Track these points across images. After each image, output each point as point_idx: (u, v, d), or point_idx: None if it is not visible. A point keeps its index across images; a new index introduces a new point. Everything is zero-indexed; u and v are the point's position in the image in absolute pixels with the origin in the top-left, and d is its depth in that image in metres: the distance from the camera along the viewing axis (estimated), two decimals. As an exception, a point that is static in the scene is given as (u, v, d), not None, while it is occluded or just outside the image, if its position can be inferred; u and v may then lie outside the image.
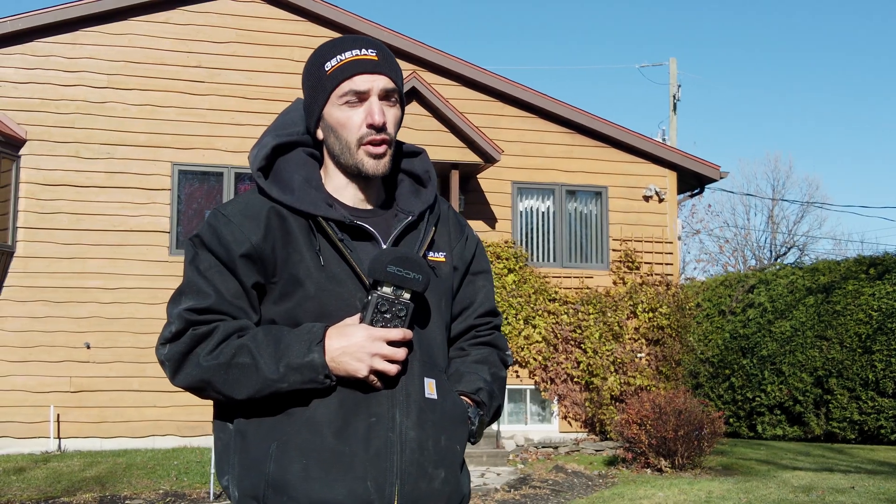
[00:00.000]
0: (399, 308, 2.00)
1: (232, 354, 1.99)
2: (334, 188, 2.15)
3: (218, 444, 2.14)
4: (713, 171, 14.46)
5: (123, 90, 12.29)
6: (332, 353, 1.97)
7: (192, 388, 2.07)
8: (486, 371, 2.25)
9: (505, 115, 13.64)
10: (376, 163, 2.09)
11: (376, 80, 2.08)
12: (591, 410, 13.08)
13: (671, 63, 26.50)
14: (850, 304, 14.17)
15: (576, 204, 13.89)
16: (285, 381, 1.97)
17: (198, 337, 2.02)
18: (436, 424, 2.06)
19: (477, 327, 2.31)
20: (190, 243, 2.12)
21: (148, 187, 12.17)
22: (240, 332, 2.03)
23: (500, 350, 2.33)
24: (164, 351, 2.06)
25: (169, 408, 11.74)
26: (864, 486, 8.59)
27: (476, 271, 2.31)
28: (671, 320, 13.54)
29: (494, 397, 2.24)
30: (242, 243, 2.04)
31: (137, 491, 8.71)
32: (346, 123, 2.08)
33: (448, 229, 2.26)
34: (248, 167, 11.08)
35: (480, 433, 2.22)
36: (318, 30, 12.91)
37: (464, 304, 2.29)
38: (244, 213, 2.08)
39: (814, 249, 36.86)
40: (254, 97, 12.63)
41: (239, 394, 2.00)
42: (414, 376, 2.05)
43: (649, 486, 8.93)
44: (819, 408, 14.48)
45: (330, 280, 2.04)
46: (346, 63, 2.08)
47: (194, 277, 2.07)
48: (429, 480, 2.03)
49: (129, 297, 11.92)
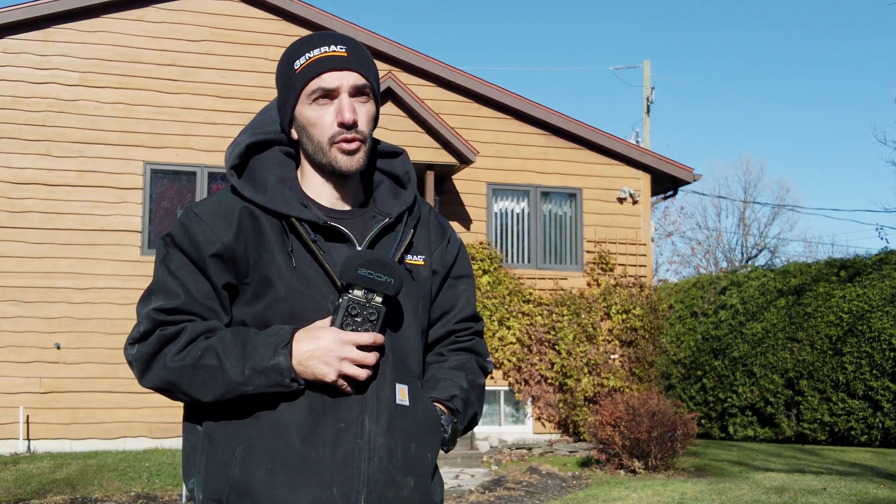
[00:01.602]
0: (370, 312, 1.96)
1: (198, 356, 1.96)
2: (310, 188, 2.11)
3: (186, 446, 2.11)
4: (687, 173, 14.54)
5: (96, 88, 12.17)
6: (300, 357, 1.94)
7: (159, 389, 2.04)
8: (463, 378, 2.21)
9: (480, 117, 13.64)
10: (349, 159, 2.05)
11: (346, 77, 2.04)
12: (565, 412, 13.11)
13: (645, 66, 26.63)
14: (820, 307, 14.29)
15: (550, 205, 13.91)
16: (250, 384, 1.94)
17: (165, 338, 1.99)
18: (406, 432, 2.02)
19: (457, 332, 2.27)
20: (161, 242, 2.08)
21: (120, 186, 12.07)
22: (208, 333, 1.99)
23: (480, 356, 2.29)
24: (132, 351, 2.03)
25: (140, 409, 11.64)
26: (836, 488, 8.66)
27: (457, 275, 2.27)
28: (644, 322, 13.59)
29: (470, 405, 2.20)
30: (213, 243, 2.01)
31: (109, 493, 8.62)
32: (316, 123, 2.04)
33: (428, 232, 2.22)
34: (223, 167, 10.97)
35: (454, 441, 2.18)
36: (293, 29, 12.86)
37: (444, 309, 2.24)
38: (216, 212, 2.05)
39: (785, 252, 37.21)
40: (228, 96, 12.55)
41: (205, 396, 1.97)
42: (385, 382, 2.01)
43: (623, 488, 8.96)
44: (790, 409, 14.59)
45: (302, 282, 2.01)
46: (314, 61, 2.04)
47: (164, 277, 2.03)
48: (397, 489, 1.99)
49: (100, 298, 11.80)
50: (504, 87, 13.69)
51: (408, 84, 12.81)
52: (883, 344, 13.10)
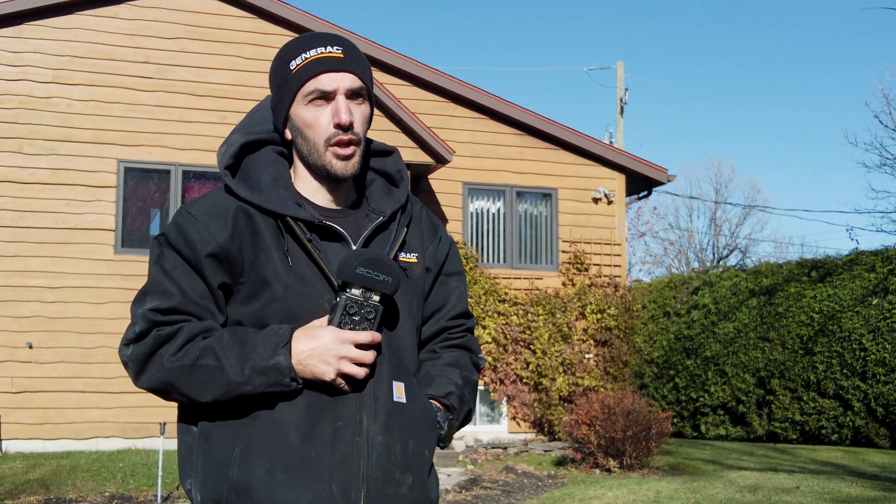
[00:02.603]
0: (368, 310, 1.97)
1: (196, 356, 1.95)
2: (304, 188, 2.12)
3: (182, 447, 2.10)
4: (661, 174, 14.64)
5: (69, 85, 12.05)
6: (299, 356, 1.94)
7: (155, 389, 2.03)
8: (458, 375, 2.22)
9: (456, 116, 13.65)
10: (345, 164, 2.06)
11: (342, 79, 2.04)
12: (540, 411, 13.15)
13: (619, 67, 26.79)
14: (791, 307, 14.44)
15: (526, 205, 13.96)
16: (250, 384, 1.94)
17: (162, 338, 1.98)
18: (404, 429, 2.03)
19: (449, 329, 2.28)
20: (155, 242, 2.08)
21: (93, 184, 11.95)
22: (205, 333, 1.99)
23: (473, 353, 2.31)
24: (127, 352, 2.02)
25: (113, 409, 11.54)
26: (809, 486, 8.75)
27: (449, 273, 2.29)
28: (619, 321, 13.67)
29: (465, 401, 2.22)
30: (209, 243, 2.01)
31: (83, 493, 8.54)
32: (312, 124, 2.04)
33: (421, 230, 2.23)
34: (197, 165, 10.90)
35: (450, 438, 2.20)
36: (269, 27, 12.80)
37: (436, 306, 2.26)
38: (211, 212, 2.04)
39: (755, 252, 37.55)
40: (203, 94, 12.46)
41: (203, 396, 1.97)
42: (382, 380, 2.02)
43: (599, 487, 9.01)
44: (761, 408, 14.74)
45: (298, 281, 2.01)
46: (311, 61, 2.04)
47: (159, 277, 2.03)
48: (396, 486, 2.00)
49: (72, 297, 11.69)
50: (480, 86, 13.72)
51: (384, 83, 12.79)
52: (853, 344, 13.26)
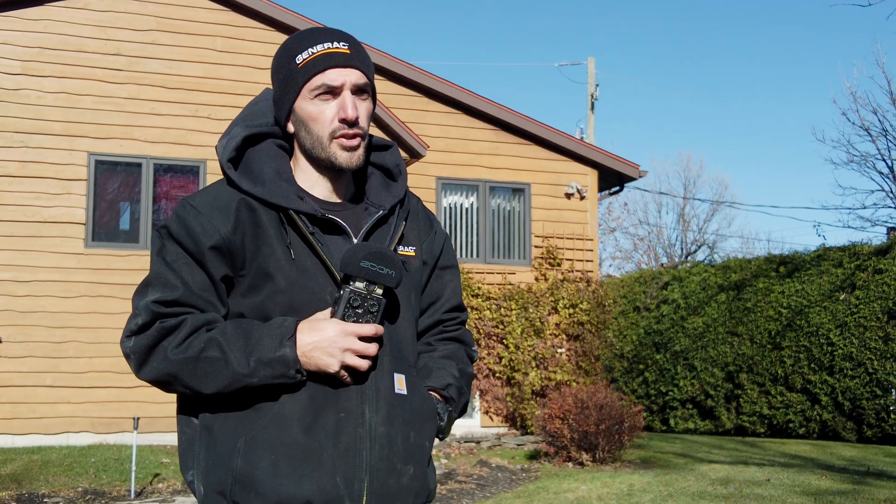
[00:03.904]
0: (371, 303, 1.99)
1: (201, 348, 1.96)
2: (304, 181, 2.13)
3: (182, 439, 2.11)
4: (633, 169, 14.74)
5: (39, 77, 11.90)
6: (304, 348, 1.95)
7: (157, 381, 2.03)
8: (455, 367, 2.26)
9: (430, 111, 13.66)
10: (349, 155, 2.07)
11: (349, 74, 2.06)
12: (513, 405, 13.21)
13: (589, 62, 26.90)
14: (760, 302, 14.60)
15: (499, 200, 14.00)
16: (256, 376, 1.95)
17: (165, 330, 1.98)
18: (405, 420, 2.05)
19: (444, 322, 2.31)
20: (157, 234, 2.08)
21: (63, 177, 11.82)
22: (208, 325, 2.00)
23: (467, 345, 2.34)
24: (129, 344, 2.01)
25: (83, 404, 11.44)
26: (780, 479, 8.87)
27: (444, 266, 2.31)
28: (591, 316, 13.76)
29: (463, 393, 2.25)
30: (212, 235, 2.01)
31: (55, 489, 8.47)
32: (317, 118, 2.05)
33: (418, 224, 2.26)
34: (169, 158, 10.82)
35: (449, 429, 2.23)
36: (241, 20, 12.72)
37: (431, 299, 2.29)
38: (213, 204, 2.05)
39: (723, 248, 37.88)
40: (174, 87, 12.36)
41: (207, 388, 1.97)
42: (384, 372, 2.04)
43: (572, 480, 9.07)
44: (730, 402, 14.90)
45: (301, 274, 2.02)
46: (318, 56, 2.05)
47: (161, 269, 2.03)
48: (398, 476, 2.03)
49: (42, 290, 11.56)
50: (453, 81, 13.73)
51: (358, 77, 12.75)
52: (821, 339, 13.44)
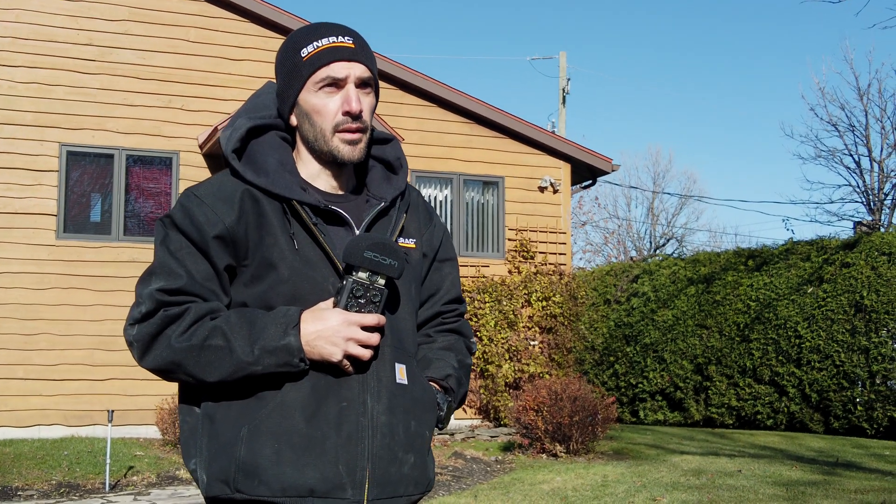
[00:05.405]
0: (374, 293, 2.02)
1: (205, 336, 1.98)
2: (307, 173, 2.15)
3: (184, 428, 2.12)
4: (605, 163, 14.83)
5: (10, 67, 11.77)
6: (307, 337, 1.98)
7: (160, 369, 2.04)
8: (454, 358, 2.29)
9: (404, 104, 13.66)
10: (352, 149, 2.11)
11: (353, 68, 2.09)
12: (486, 397, 13.28)
13: (561, 56, 27.01)
14: (729, 295, 14.77)
15: (473, 193, 14.05)
16: (260, 364, 1.97)
17: (169, 318, 2.00)
18: (406, 410, 2.09)
19: (443, 314, 2.35)
20: (160, 224, 2.10)
21: (35, 168, 11.71)
22: (212, 314, 2.02)
23: (466, 337, 2.38)
24: (132, 332, 2.03)
25: (55, 396, 11.36)
26: (751, 470, 9.01)
27: (443, 258, 2.35)
28: (564, 309, 13.85)
29: (462, 384, 2.29)
30: (216, 225, 2.03)
31: (29, 482, 8.41)
32: (321, 110, 2.08)
33: (418, 216, 2.29)
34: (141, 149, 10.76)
35: (448, 419, 2.27)
36: (214, 10, 12.65)
37: (431, 291, 2.32)
38: (217, 194, 2.07)
39: (691, 241, 38.25)
40: (147, 77, 12.28)
41: (211, 376, 1.99)
42: (385, 362, 2.07)
43: (547, 471, 9.16)
44: (699, 394, 15.07)
45: (304, 264, 2.05)
46: (323, 50, 2.08)
47: (165, 258, 2.05)
48: (399, 465, 2.06)
49: (13, 282, 11.46)
50: (427, 74, 13.74)
51: (332, 70, 12.72)
52: (789, 331, 13.63)
